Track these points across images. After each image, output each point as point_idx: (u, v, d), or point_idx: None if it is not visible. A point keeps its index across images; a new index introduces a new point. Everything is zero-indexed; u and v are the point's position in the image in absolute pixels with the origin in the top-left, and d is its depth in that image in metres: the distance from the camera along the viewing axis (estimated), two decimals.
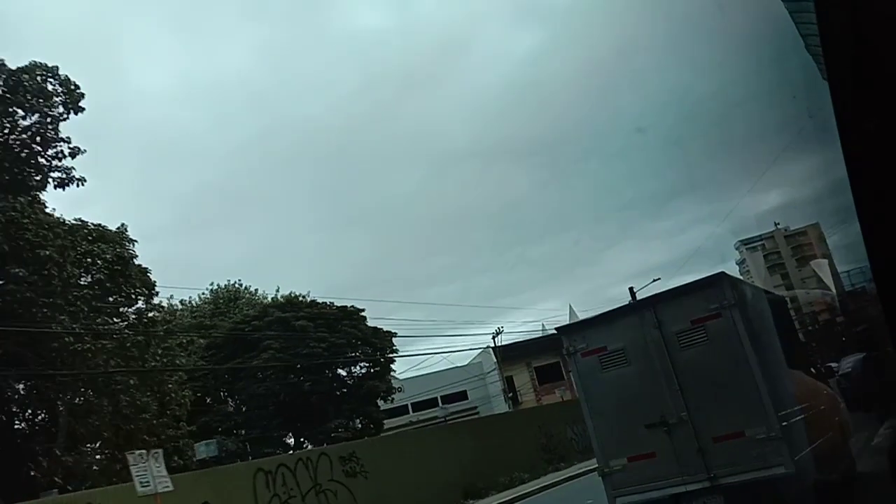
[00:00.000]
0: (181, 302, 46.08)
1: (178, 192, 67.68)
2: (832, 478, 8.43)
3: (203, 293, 46.33)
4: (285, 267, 65.54)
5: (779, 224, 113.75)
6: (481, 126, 70.80)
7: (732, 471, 7.30)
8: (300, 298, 38.07)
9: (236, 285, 47.85)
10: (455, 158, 73.60)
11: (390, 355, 38.23)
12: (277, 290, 42.72)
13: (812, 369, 11.54)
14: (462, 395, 52.17)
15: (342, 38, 68.12)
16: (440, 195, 74.13)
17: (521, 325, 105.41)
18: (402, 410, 51.64)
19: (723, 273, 8.02)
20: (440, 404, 52.07)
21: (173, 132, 68.55)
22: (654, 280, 33.48)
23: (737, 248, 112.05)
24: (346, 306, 36.94)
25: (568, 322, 12.38)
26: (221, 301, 46.23)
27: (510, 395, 47.85)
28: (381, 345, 36.65)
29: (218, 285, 47.24)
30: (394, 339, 38.09)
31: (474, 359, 54.98)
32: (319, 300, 36.64)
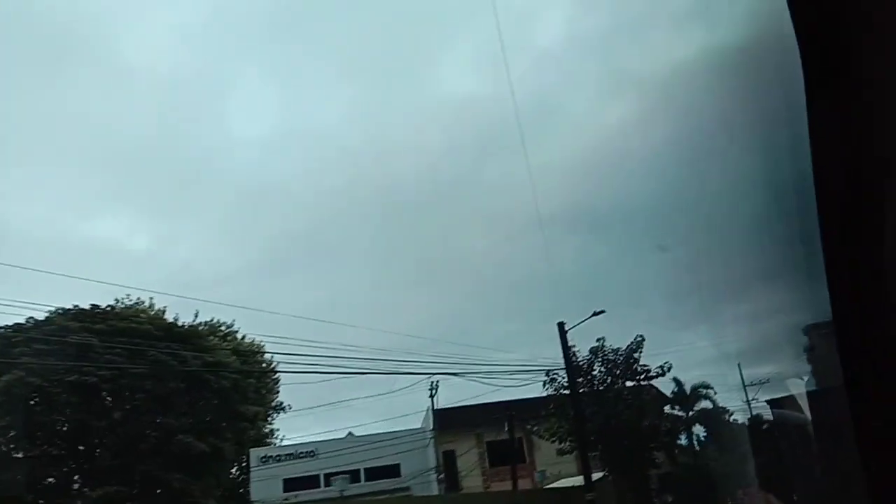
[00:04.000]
0: None
1: (264, 236, 68.33)
2: None
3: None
4: (351, 318, 66.29)
5: None
6: (563, 192, 69.46)
7: None
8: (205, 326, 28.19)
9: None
10: (532, 224, 71.90)
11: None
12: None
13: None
14: (393, 470, 40.00)
15: (432, 101, 70.47)
16: (512, 260, 73.17)
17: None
18: (311, 482, 40.01)
19: None
20: (362, 479, 40.15)
21: (264, 178, 69.93)
22: (597, 313, 21.87)
23: (805, 334, 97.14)
24: (174, 323, 26.52)
25: None
26: None
27: (440, 475, 35.52)
28: (217, 384, 25.84)
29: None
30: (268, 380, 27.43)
31: (422, 423, 43.07)
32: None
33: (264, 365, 50.28)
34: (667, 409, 45.00)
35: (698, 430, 43.84)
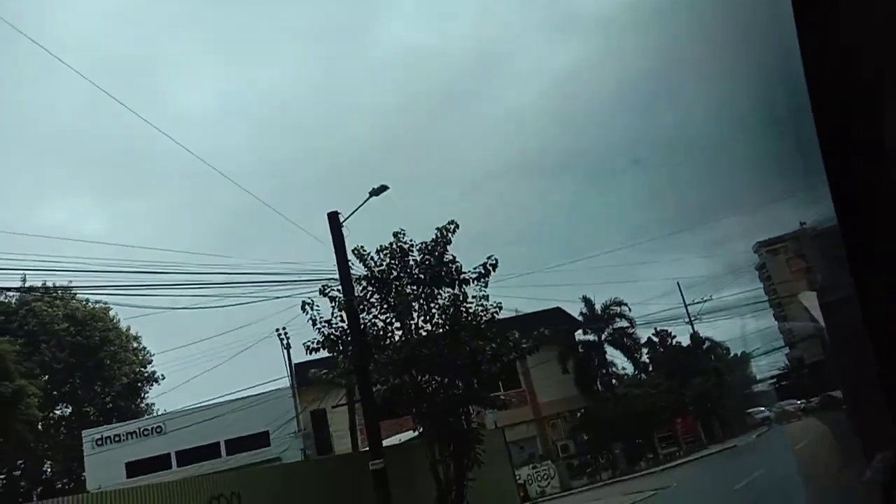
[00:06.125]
0: None
1: (218, 211, 68.38)
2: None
3: None
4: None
5: (805, 223, 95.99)
6: (517, 141, 74.93)
7: None
8: None
9: None
10: (491, 174, 74.54)
11: None
12: None
13: None
14: (262, 439, 33.30)
15: (381, 59, 68.98)
16: (476, 212, 73.59)
17: None
18: (160, 462, 33.19)
19: None
20: (223, 453, 33.46)
21: (213, 151, 68.80)
22: (375, 192, 15.09)
23: (755, 252, 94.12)
24: None
25: None
26: None
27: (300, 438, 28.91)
28: None
29: None
30: None
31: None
32: None
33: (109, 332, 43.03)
34: (579, 333, 38.84)
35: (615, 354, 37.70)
